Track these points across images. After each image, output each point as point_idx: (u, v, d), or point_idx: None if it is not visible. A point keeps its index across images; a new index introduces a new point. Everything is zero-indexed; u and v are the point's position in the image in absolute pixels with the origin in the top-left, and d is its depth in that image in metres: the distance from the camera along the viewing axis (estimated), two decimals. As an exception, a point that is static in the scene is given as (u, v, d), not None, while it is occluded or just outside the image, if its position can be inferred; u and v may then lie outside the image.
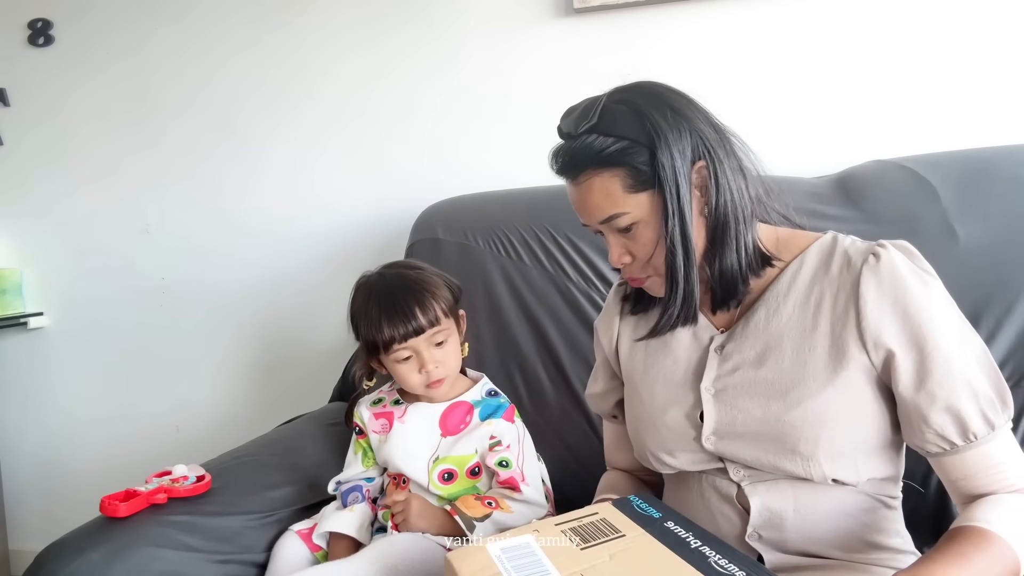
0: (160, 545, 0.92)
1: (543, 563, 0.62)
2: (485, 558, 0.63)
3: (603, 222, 0.78)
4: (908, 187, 1.22)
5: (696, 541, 0.65)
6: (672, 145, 0.74)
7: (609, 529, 0.67)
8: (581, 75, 1.56)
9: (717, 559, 0.62)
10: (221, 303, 1.82)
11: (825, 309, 0.76)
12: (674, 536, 0.66)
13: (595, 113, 0.75)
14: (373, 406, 1.13)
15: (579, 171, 0.77)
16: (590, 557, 0.63)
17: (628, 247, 0.80)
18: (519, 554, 0.63)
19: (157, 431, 1.88)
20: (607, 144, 0.75)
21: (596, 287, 1.35)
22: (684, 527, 0.67)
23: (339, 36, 1.69)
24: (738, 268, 0.78)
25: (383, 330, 1.00)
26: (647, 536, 0.66)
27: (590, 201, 0.77)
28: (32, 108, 1.88)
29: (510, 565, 0.62)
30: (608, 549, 0.64)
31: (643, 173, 0.74)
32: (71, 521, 1.00)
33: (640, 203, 0.76)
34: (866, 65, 1.43)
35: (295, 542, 1.05)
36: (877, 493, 0.77)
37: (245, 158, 1.78)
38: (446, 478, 1.04)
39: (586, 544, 0.65)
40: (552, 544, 0.64)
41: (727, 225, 0.77)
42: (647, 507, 0.71)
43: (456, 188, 1.54)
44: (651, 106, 0.75)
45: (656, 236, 0.77)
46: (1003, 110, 1.38)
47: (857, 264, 0.75)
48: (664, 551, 0.63)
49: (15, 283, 1.87)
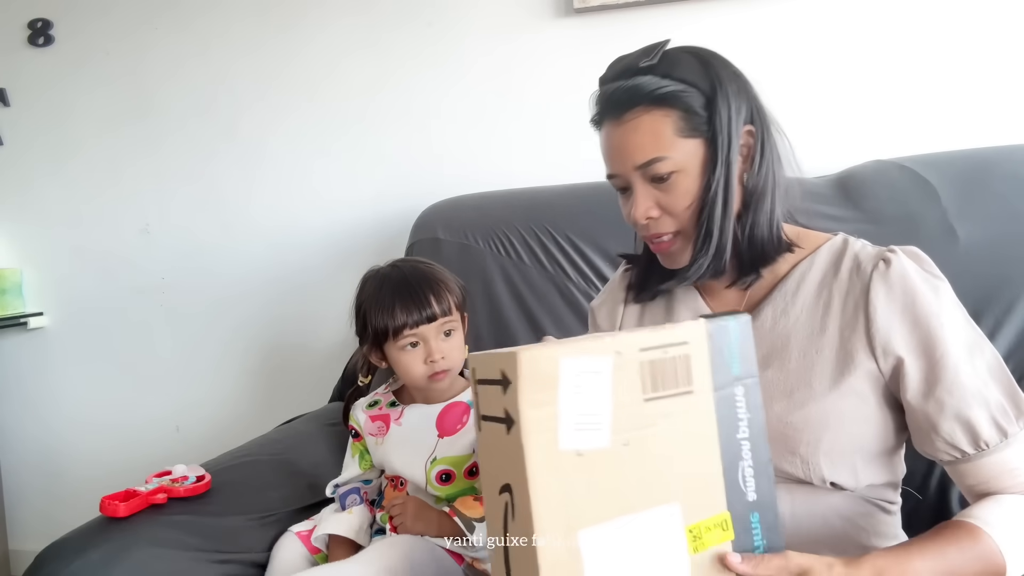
0: (160, 545, 0.92)
1: (604, 406, 0.54)
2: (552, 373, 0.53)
3: (640, 166, 0.74)
4: (908, 187, 1.22)
5: (744, 430, 0.59)
6: (730, 97, 0.74)
7: (683, 378, 0.58)
8: (581, 75, 1.55)
9: (745, 467, 0.59)
10: (221, 303, 1.82)
11: (834, 313, 0.75)
12: (732, 412, 0.59)
13: (656, 54, 0.74)
14: (369, 408, 1.13)
15: (627, 108, 0.74)
16: (645, 416, 0.56)
17: (658, 199, 0.76)
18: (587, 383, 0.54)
19: (157, 431, 1.88)
20: (664, 84, 0.73)
21: (596, 287, 1.35)
22: (747, 400, 0.60)
23: (339, 37, 1.69)
24: (766, 240, 0.77)
25: (396, 315, 1.00)
26: (708, 402, 0.58)
27: (633, 141, 0.74)
28: (32, 108, 1.88)
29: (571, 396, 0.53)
30: (666, 409, 0.57)
31: (697, 118, 0.74)
32: (71, 521, 1.00)
33: (686, 150, 0.74)
34: (866, 65, 1.43)
35: (294, 543, 1.05)
36: (875, 498, 0.77)
37: (245, 158, 1.78)
38: (444, 479, 1.04)
39: (652, 394, 0.56)
40: (623, 381, 0.55)
41: (764, 194, 0.76)
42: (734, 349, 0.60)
43: (456, 188, 1.54)
44: (714, 58, 0.76)
45: (694, 188, 0.75)
46: (1003, 110, 1.38)
47: (867, 270, 0.74)
48: (711, 431, 0.58)
49: (15, 283, 1.87)
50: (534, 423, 0.52)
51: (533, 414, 0.52)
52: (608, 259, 1.35)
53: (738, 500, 0.58)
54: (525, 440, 0.51)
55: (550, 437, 0.52)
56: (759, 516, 0.59)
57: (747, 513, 0.59)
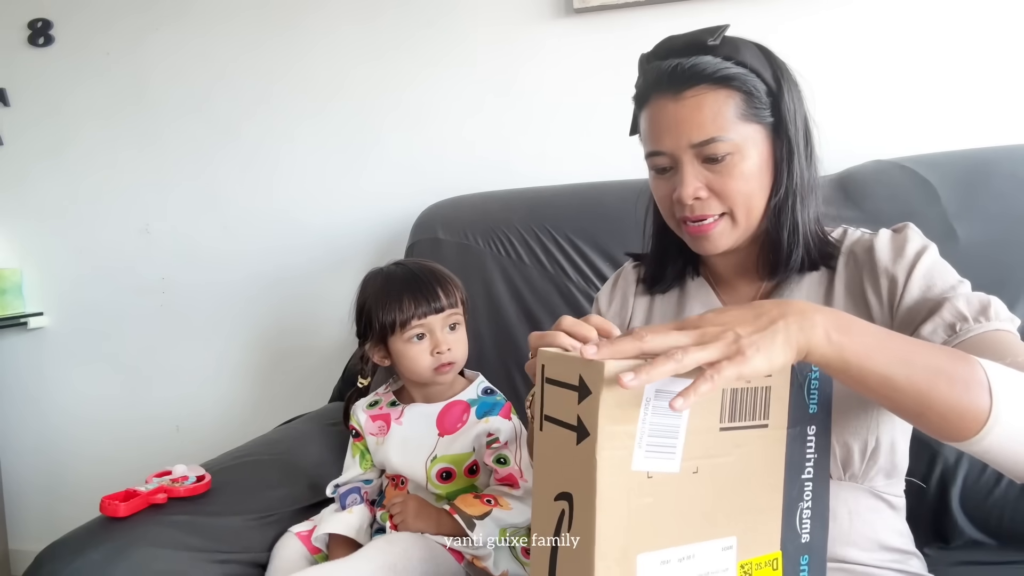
0: (160, 545, 0.92)
1: (679, 431, 0.52)
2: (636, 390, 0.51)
3: (696, 145, 0.73)
4: (908, 187, 1.22)
5: (809, 471, 0.58)
6: (792, 88, 0.76)
7: (762, 411, 0.56)
8: (581, 75, 1.56)
9: (804, 508, 0.58)
10: (221, 303, 1.82)
11: (840, 294, 0.77)
12: (801, 451, 0.58)
13: (719, 36, 0.75)
14: (369, 408, 1.13)
15: (689, 85, 0.73)
16: (719, 445, 0.54)
17: (709, 180, 0.75)
18: (667, 407, 0.51)
19: (157, 431, 1.88)
20: (728, 65, 0.74)
21: (596, 287, 1.35)
22: (817, 441, 0.59)
23: (340, 37, 1.69)
24: (815, 232, 0.79)
25: (404, 307, 1.01)
26: (780, 439, 0.57)
27: (693, 118, 0.73)
28: (32, 108, 1.88)
29: (652, 418, 0.51)
30: (739, 440, 0.55)
31: (760, 104, 0.74)
32: (71, 521, 1.00)
33: (746, 134, 0.74)
34: (866, 65, 1.43)
35: (294, 543, 1.05)
36: (882, 491, 0.77)
37: (245, 158, 1.78)
38: (444, 477, 1.04)
39: (729, 424, 0.54)
40: (703, 407, 0.53)
41: (812, 190, 0.78)
42: (815, 393, 0.59)
43: (456, 188, 1.54)
44: (772, 53, 0.78)
45: (749, 173, 0.75)
46: (1003, 110, 1.37)
47: (868, 241, 0.78)
48: (778, 468, 0.57)
49: (15, 283, 1.87)
50: (610, 439, 0.50)
51: (611, 429, 0.50)
52: (608, 259, 1.35)
53: (792, 541, 0.57)
54: (599, 455, 0.49)
55: (624, 455, 0.51)
56: (809, 559, 0.58)
57: (798, 555, 0.58)
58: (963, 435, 0.55)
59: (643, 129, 0.79)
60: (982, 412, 0.55)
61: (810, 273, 0.81)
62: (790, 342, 0.53)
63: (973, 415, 0.55)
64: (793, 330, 0.53)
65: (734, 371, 0.50)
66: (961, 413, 0.55)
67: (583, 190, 1.42)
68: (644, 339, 0.51)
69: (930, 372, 0.55)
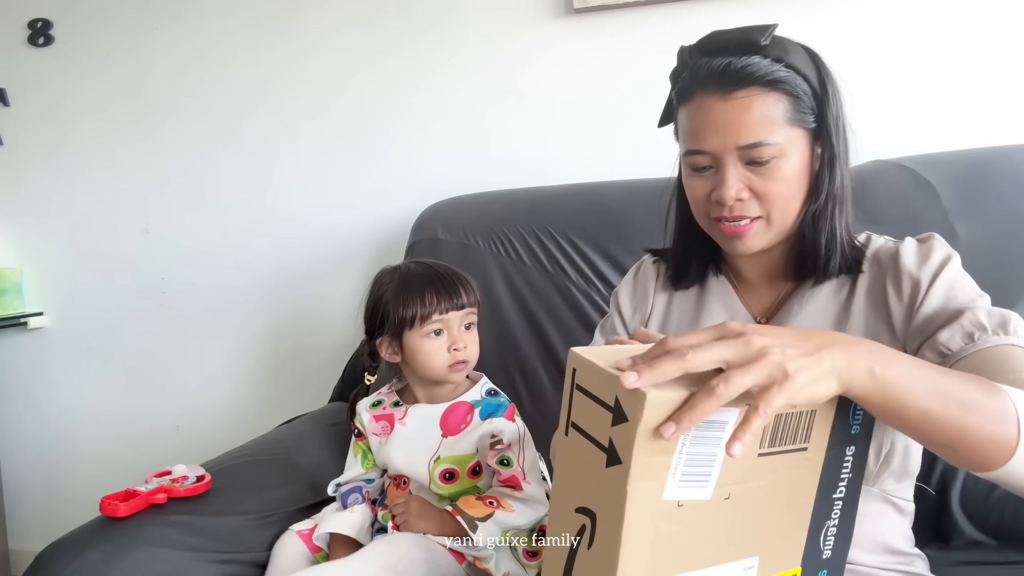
0: (160, 545, 0.92)
1: (715, 459, 0.50)
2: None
3: (743, 147, 0.73)
4: (908, 187, 1.22)
5: (842, 490, 0.56)
6: (837, 92, 0.77)
7: (804, 435, 0.53)
8: (581, 75, 1.56)
9: (831, 527, 0.56)
10: (221, 303, 1.82)
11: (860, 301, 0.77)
12: (837, 471, 0.56)
13: (768, 35, 0.74)
14: (372, 408, 1.13)
15: (740, 86, 0.72)
16: (755, 471, 0.52)
17: (751, 182, 0.74)
18: (707, 436, 0.49)
19: (157, 431, 1.88)
20: (777, 68, 0.73)
21: (596, 287, 1.35)
22: (854, 461, 0.56)
23: (339, 36, 1.69)
24: (842, 234, 0.79)
25: (425, 302, 1.02)
26: (818, 461, 0.55)
27: (742, 120, 0.72)
28: (32, 108, 1.88)
29: (689, 447, 0.49)
30: (775, 465, 0.53)
31: (805, 108, 0.74)
32: (71, 521, 1.00)
33: (792, 138, 0.74)
34: (866, 65, 1.43)
35: (295, 542, 1.05)
36: (893, 495, 0.77)
37: (245, 158, 1.78)
38: (447, 477, 1.04)
39: (768, 449, 0.52)
40: None
41: (846, 198, 0.78)
42: (860, 414, 0.56)
43: (456, 188, 1.54)
44: (818, 54, 0.78)
45: (792, 177, 0.75)
46: (1003, 110, 1.37)
47: (893, 248, 0.79)
48: (811, 488, 0.55)
49: (15, 283, 1.87)
50: (644, 470, 0.48)
51: (645, 460, 0.47)
52: (608, 259, 1.35)
53: (813, 557, 0.56)
54: (631, 487, 0.47)
55: (656, 486, 0.49)
56: (827, 573, 0.57)
57: (817, 571, 0.57)
58: (988, 466, 0.55)
59: (684, 126, 0.77)
60: (1009, 444, 0.54)
61: (831, 278, 0.80)
62: (836, 372, 0.51)
63: (999, 448, 0.54)
64: (839, 361, 0.51)
65: (782, 399, 0.47)
66: (989, 445, 0.54)
67: (583, 190, 1.42)
68: (686, 356, 0.48)
69: (964, 406, 0.54)
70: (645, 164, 1.45)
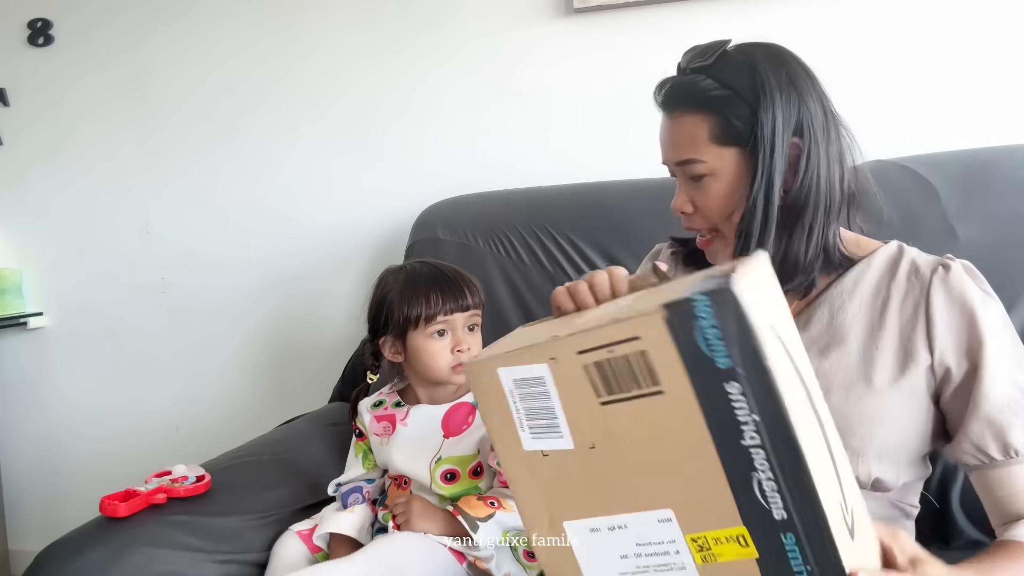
0: (160, 545, 0.92)
1: (555, 411, 0.52)
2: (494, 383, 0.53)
3: (677, 164, 0.78)
4: (908, 187, 1.22)
5: (753, 436, 0.46)
6: (777, 108, 0.73)
7: (644, 377, 0.49)
8: (581, 75, 1.56)
9: (763, 480, 0.47)
10: (221, 303, 1.82)
11: (892, 311, 0.76)
12: (728, 415, 0.47)
13: (713, 56, 0.75)
14: (374, 408, 1.13)
15: (674, 106, 0.77)
16: (609, 419, 0.50)
17: (693, 196, 0.78)
18: (531, 392, 0.52)
19: (157, 431, 1.88)
20: (710, 88, 0.74)
21: (596, 287, 1.35)
22: (752, 399, 0.46)
23: (339, 37, 1.69)
24: (802, 257, 0.76)
25: (431, 302, 1.02)
26: (691, 406, 0.48)
27: (672, 138, 0.78)
28: (32, 108, 1.88)
29: (521, 405, 0.53)
30: (633, 411, 0.49)
31: (735, 129, 0.74)
32: (71, 521, 1.00)
33: (721, 157, 0.75)
34: (866, 65, 1.43)
35: (295, 542, 1.05)
36: (900, 501, 0.78)
37: (245, 158, 1.78)
38: (448, 478, 1.04)
39: (609, 396, 0.50)
40: (568, 385, 0.51)
41: (804, 209, 0.75)
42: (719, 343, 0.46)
43: (456, 188, 1.54)
44: (769, 66, 0.74)
45: (726, 194, 0.76)
46: (1003, 110, 1.37)
47: (926, 273, 0.75)
48: (699, 436, 0.48)
49: (15, 283, 1.87)
50: (497, 430, 0.55)
51: (492, 421, 0.55)
52: (608, 259, 1.35)
53: (757, 516, 0.50)
54: (495, 443, 0.56)
55: (513, 440, 0.54)
56: (795, 538, 0.49)
57: (775, 533, 0.50)
58: None
59: None
60: None
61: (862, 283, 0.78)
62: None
63: None
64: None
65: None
66: None
67: (583, 190, 1.42)
68: None
69: None
70: (645, 164, 1.44)
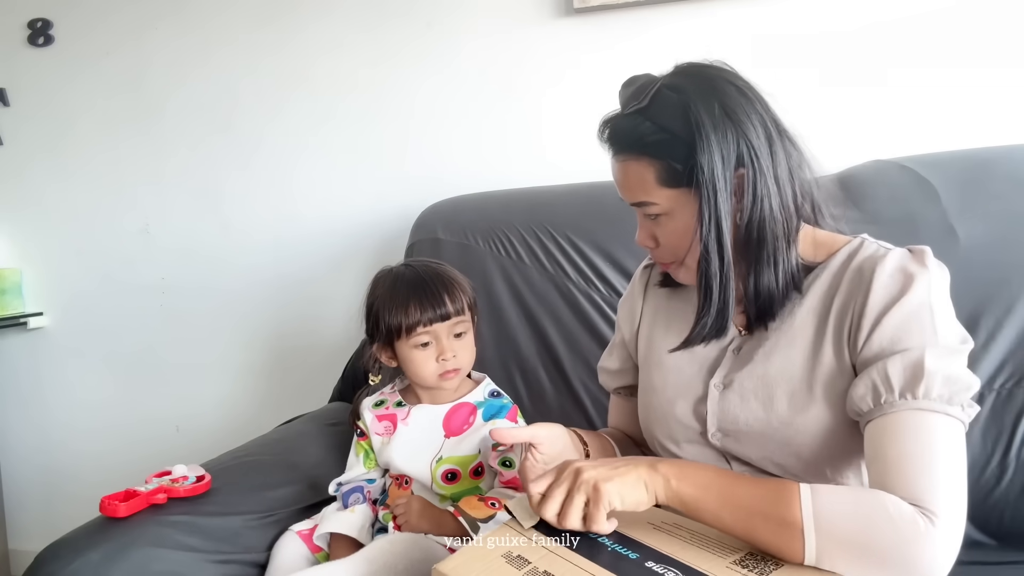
0: (160, 545, 0.92)
1: None
2: None
3: (633, 204, 0.79)
4: (908, 187, 1.22)
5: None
6: (713, 148, 0.70)
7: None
8: (581, 75, 1.56)
9: None
10: (221, 303, 1.82)
11: (832, 321, 0.74)
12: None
13: (647, 96, 0.73)
14: (375, 408, 1.13)
15: (619, 149, 0.77)
16: None
17: (654, 233, 0.79)
18: None
19: (157, 431, 1.88)
20: (648, 132, 0.73)
21: (596, 287, 1.35)
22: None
23: (339, 37, 1.69)
24: (776, 287, 0.74)
25: (410, 313, 1.00)
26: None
27: (623, 181, 0.78)
28: (32, 108, 1.88)
29: None
30: None
31: (677, 171, 0.72)
32: (71, 521, 1.00)
33: (672, 198, 0.74)
34: (866, 65, 1.43)
35: (295, 542, 1.05)
36: None
37: (245, 158, 1.78)
38: (449, 478, 1.04)
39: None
40: None
41: (763, 240, 0.73)
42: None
43: (456, 188, 1.54)
44: (701, 101, 0.71)
45: (684, 231, 0.75)
46: (1003, 110, 1.37)
47: (867, 269, 0.72)
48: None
49: (15, 283, 1.87)
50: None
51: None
52: (608, 259, 1.35)
53: None
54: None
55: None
56: None
57: None
58: (792, 562, 0.62)
59: None
60: (796, 552, 0.62)
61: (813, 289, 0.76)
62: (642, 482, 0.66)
63: (788, 553, 0.62)
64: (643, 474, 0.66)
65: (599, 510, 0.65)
66: (777, 550, 0.63)
67: (583, 190, 1.42)
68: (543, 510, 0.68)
69: (750, 515, 0.63)
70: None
